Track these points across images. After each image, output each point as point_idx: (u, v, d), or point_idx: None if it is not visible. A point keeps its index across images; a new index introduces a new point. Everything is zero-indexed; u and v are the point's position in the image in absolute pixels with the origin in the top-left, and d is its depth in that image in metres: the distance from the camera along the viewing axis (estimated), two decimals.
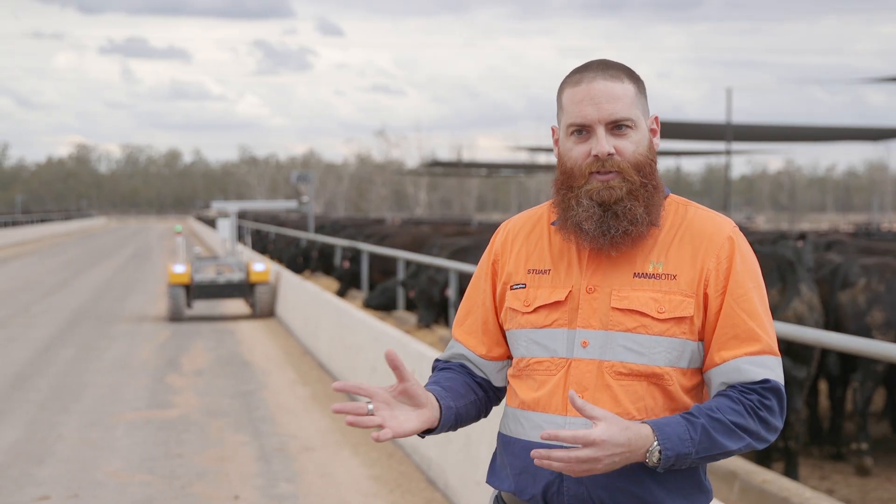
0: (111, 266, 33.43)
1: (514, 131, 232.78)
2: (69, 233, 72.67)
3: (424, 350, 7.83)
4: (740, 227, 3.70)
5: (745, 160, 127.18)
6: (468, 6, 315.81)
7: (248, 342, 14.89)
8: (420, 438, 2.55)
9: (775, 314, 7.79)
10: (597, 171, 2.44)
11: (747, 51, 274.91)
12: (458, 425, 2.56)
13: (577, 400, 2.28)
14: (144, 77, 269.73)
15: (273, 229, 37.11)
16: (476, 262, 13.41)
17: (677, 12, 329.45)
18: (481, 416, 2.65)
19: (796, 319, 7.92)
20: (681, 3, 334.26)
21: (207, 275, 17.84)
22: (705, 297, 2.44)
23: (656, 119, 2.55)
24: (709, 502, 2.49)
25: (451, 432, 2.59)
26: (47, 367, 12.48)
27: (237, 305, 19.88)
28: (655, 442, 2.30)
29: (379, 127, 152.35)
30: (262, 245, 34.79)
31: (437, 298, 14.62)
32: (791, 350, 7.76)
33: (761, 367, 2.40)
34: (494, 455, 2.61)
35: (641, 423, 2.33)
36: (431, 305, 14.71)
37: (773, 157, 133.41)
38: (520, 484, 2.48)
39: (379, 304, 16.71)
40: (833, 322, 8.58)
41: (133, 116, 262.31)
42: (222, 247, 21.26)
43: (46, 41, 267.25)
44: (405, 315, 16.04)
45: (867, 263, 8.95)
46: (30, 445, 8.48)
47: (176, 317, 17.36)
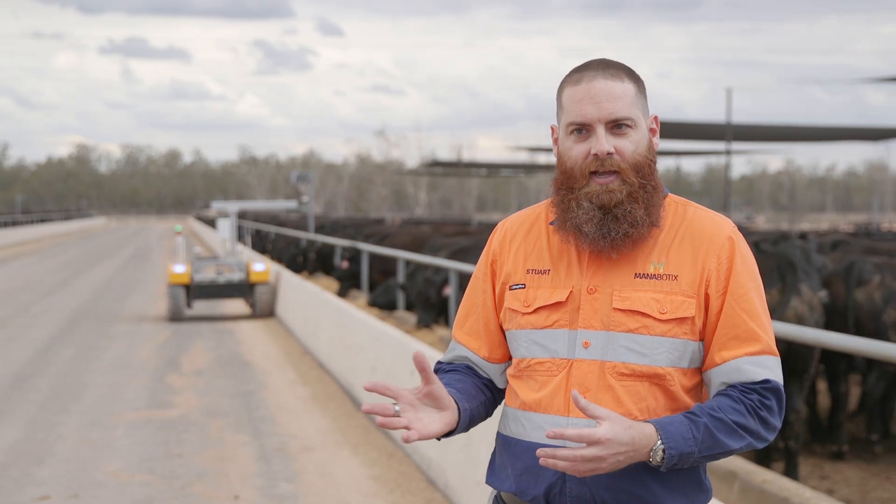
0: (111, 266, 33.43)
1: (514, 131, 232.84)
2: (69, 233, 72.68)
3: (424, 350, 7.84)
4: (740, 227, 3.71)
5: (745, 160, 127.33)
6: (468, 6, 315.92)
7: (248, 342, 14.90)
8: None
9: (775, 314, 7.79)
10: (596, 172, 2.44)
11: (747, 51, 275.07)
12: (470, 426, 2.56)
13: (581, 400, 2.28)
14: (144, 77, 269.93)
15: (273, 229, 37.10)
16: (476, 261, 13.39)
17: (677, 12, 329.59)
18: (488, 416, 2.65)
19: (796, 319, 7.92)
20: (681, 3, 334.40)
21: (207, 275, 17.84)
22: (706, 297, 2.44)
23: (656, 119, 2.55)
24: (708, 501, 2.50)
25: None
26: (47, 367, 12.48)
27: (237, 305, 19.88)
28: (659, 441, 2.31)
29: (379, 127, 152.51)
30: (262, 245, 34.78)
31: (435, 299, 14.60)
32: (791, 350, 7.76)
33: (761, 368, 2.41)
34: (493, 455, 2.61)
35: (644, 422, 2.34)
36: (429, 306, 14.69)
37: (773, 157, 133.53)
38: (521, 484, 2.48)
39: (384, 303, 16.69)
40: (853, 321, 8.59)
41: (133, 116, 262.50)
42: (222, 247, 21.26)
43: (46, 41, 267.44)
44: (405, 315, 16.04)
45: (879, 262, 8.98)
46: (30, 445, 8.48)
47: (176, 317, 17.36)
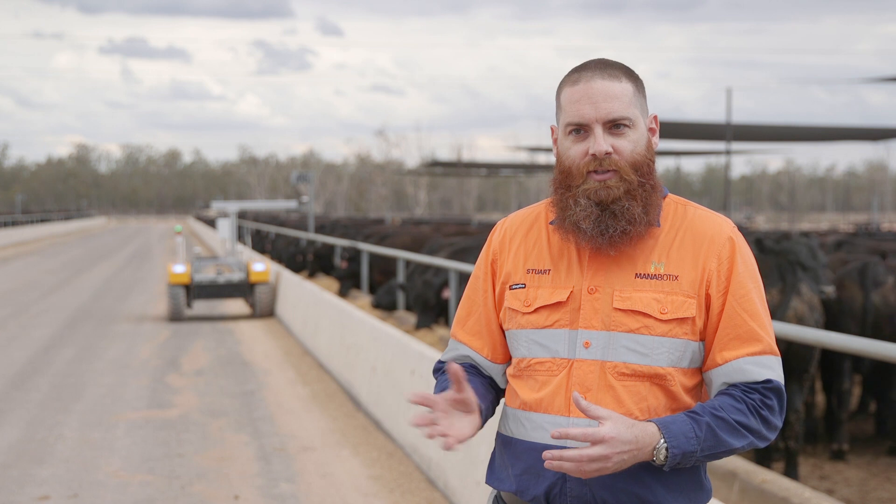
0: (111, 266, 33.42)
1: (514, 131, 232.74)
2: (69, 233, 72.68)
3: (424, 350, 7.83)
4: (740, 227, 3.70)
5: (745, 160, 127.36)
6: (468, 6, 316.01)
7: (248, 342, 14.89)
8: (419, 438, 2.55)
9: (775, 314, 7.79)
10: (594, 171, 2.44)
11: (747, 51, 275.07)
12: (483, 425, 2.58)
13: (582, 401, 2.29)
14: (144, 77, 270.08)
15: (273, 229, 37.09)
16: (476, 262, 13.37)
17: (677, 12, 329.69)
18: (493, 415, 2.66)
19: (796, 319, 7.92)
20: (681, 3, 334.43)
21: (207, 275, 17.84)
22: (707, 297, 2.44)
23: (655, 118, 2.55)
24: (708, 501, 2.50)
25: None
26: (47, 367, 12.48)
27: (237, 305, 19.88)
28: (662, 440, 2.31)
29: (379, 127, 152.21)
30: (262, 245, 34.78)
31: (434, 302, 14.58)
32: (791, 350, 7.76)
33: (763, 368, 2.41)
34: (493, 455, 2.61)
35: (647, 421, 2.34)
36: (428, 309, 14.67)
37: (773, 157, 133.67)
38: (522, 484, 2.48)
39: (388, 304, 16.68)
40: (871, 323, 8.59)
41: (133, 116, 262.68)
42: (222, 247, 21.27)
43: (46, 41, 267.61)
44: (405, 315, 16.03)
45: (894, 264, 9.00)
46: (30, 445, 8.48)
47: (176, 317, 17.36)
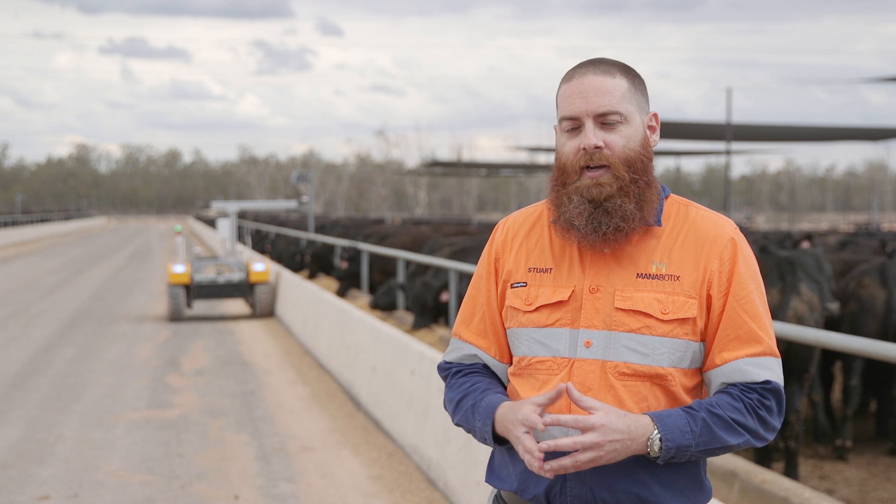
0: (111, 266, 33.42)
1: (514, 131, 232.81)
2: (69, 233, 72.67)
3: (424, 350, 7.83)
4: (740, 228, 3.70)
5: (745, 160, 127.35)
6: (468, 6, 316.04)
7: (248, 342, 14.89)
8: (419, 438, 2.56)
9: (775, 314, 7.79)
10: (587, 167, 2.44)
11: (747, 51, 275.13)
12: None
13: (574, 392, 2.31)
14: (144, 77, 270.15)
15: (273, 229, 37.08)
16: (476, 262, 13.38)
17: (677, 12, 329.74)
18: None
19: (796, 319, 7.92)
20: (681, 3, 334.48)
21: (207, 275, 17.84)
22: (708, 298, 2.44)
23: (655, 116, 2.54)
24: (708, 501, 2.50)
25: (449, 432, 2.59)
26: (47, 367, 12.48)
27: (237, 305, 19.88)
28: (656, 431, 2.32)
29: (379, 127, 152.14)
30: (262, 245, 34.79)
31: (432, 304, 14.58)
32: (791, 350, 7.76)
33: (762, 369, 2.41)
34: (493, 454, 2.61)
35: (641, 414, 2.36)
36: (426, 311, 14.66)
37: (773, 157, 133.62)
38: (522, 483, 2.48)
39: (386, 304, 16.69)
40: (895, 321, 8.59)
41: (133, 116, 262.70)
42: (222, 247, 21.26)
43: (46, 41, 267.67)
44: (405, 315, 16.03)
45: None
46: (30, 445, 8.48)
47: (176, 317, 17.36)
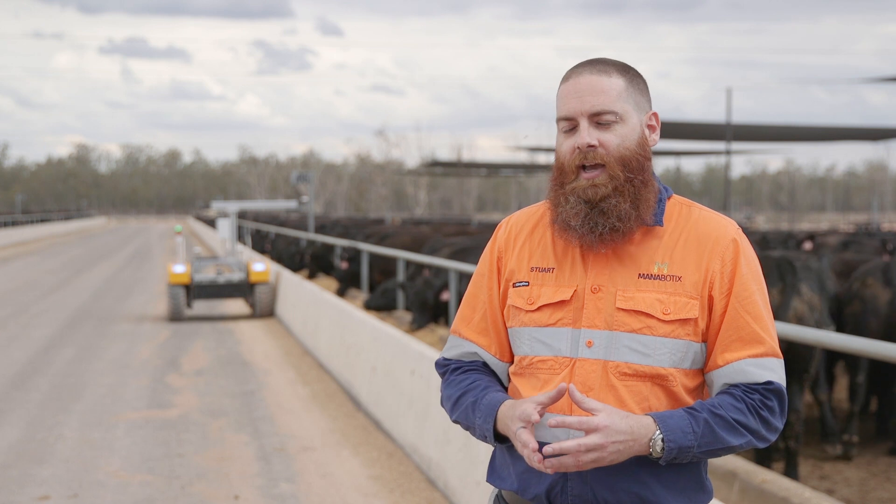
0: (111, 266, 33.42)
1: (514, 131, 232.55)
2: (69, 233, 72.67)
3: (424, 350, 7.83)
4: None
5: (745, 160, 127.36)
6: (468, 6, 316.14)
7: (248, 342, 14.89)
8: (419, 438, 2.56)
9: (776, 315, 7.79)
10: (583, 166, 2.45)
11: (747, 51, 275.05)
12: None
13: (577, 393, 2.32)
14: (144, 77, 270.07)
15: (273, 229, 37.08)
16: (476, 262, 13.38)
17: (677, 12, 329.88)
18: None
19: (796, 319, 7.92)
20: (681, 3, 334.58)
21: (207, 275, 17.84)
22: (710, 298, 2.44)
23: (655, 115, 2.54)
24: (709, 501, 2.50)
25: (449, 432, 2.59)
26: (47, 367, 12.48)
27: (237, 305, 19.88)
28: (658, 431, 2.32)
29: (379, 127, 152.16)
30: (262, 245, 34.79)
31: (432, 303, 14.59)
32: (791, 350, 7.76)
33: (764, 370, 2.41)
34: (494, 454, 2.60)
35: (644, 415, 2.36)
36: (426, 309, 14.67)
37: (773, 157, 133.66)
38: (523, 483, 2.48)
39: (379, 306, 16.71)
40: None
41: (133, 116, 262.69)
42: (222, 247, 21.26)
43: (46, 41, 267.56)
44: (405, 315, 16.03)
45: None
46: (30, 445, 8.48)
47: (176, 317, 17.36)
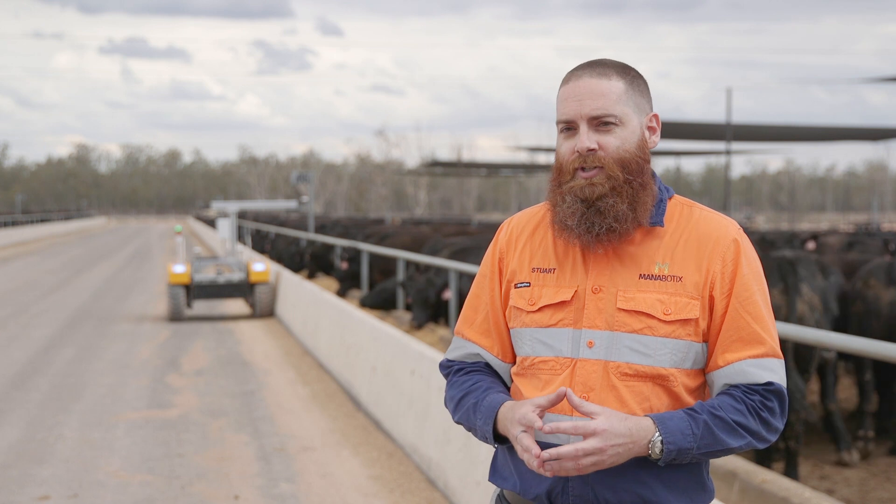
0: (111, 266, 33.42)
1: (514, 131, 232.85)
2: (69, 233, 72.67)
3: (424, 350, 7.83)
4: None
5: (745, 160, 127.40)
6: (468, 6, 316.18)
7: (248, 342, 14.89)
8: (419, 438, 2.56)
9: (778, 315, 7.79)
10: (581, 168, 2.45)
11: (747, 51, 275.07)
12: None
13: (574, 398, 2.32)
14: (144, 77, 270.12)
15: (273, 229, 37.07)
16: (477, 262, 13.40)
17: (677, 12, 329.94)
18: None
19: (796, 320, 7.93)
20: (681, 3, 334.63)
21: (207, 275, 17.83)
22: (711, 299, 2.44)
23: (655, 117, 2.54)
24: (710, 501, 2.50)
25: (449, 432, 2.59)
26: (47, 367, 12.48)
27: (237, 305, 19.88)
28: (657, 433, 2.32)
29: (379, 127, 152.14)
30: (262, 245, 34.79)
31: (434, 300, 14.59)
32: (786, 349, 7.76)
33: (765, 370, 2.41)
34: (496, 454, 2.61)
35: (643, 416, 2.35)
36: (427, 307, 14.68)
37: (773, 157, 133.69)
38: (524, 483, 2.48)
39: (374, 304, 16.72)
40: None
41: (133, 116, 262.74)
42: (222, 247, 21.25)
43: (46, 41, 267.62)
44: (404, 315, 16.03)
45: None
46: (30, 445, 8.48)
47: (176, 317, 17.36)
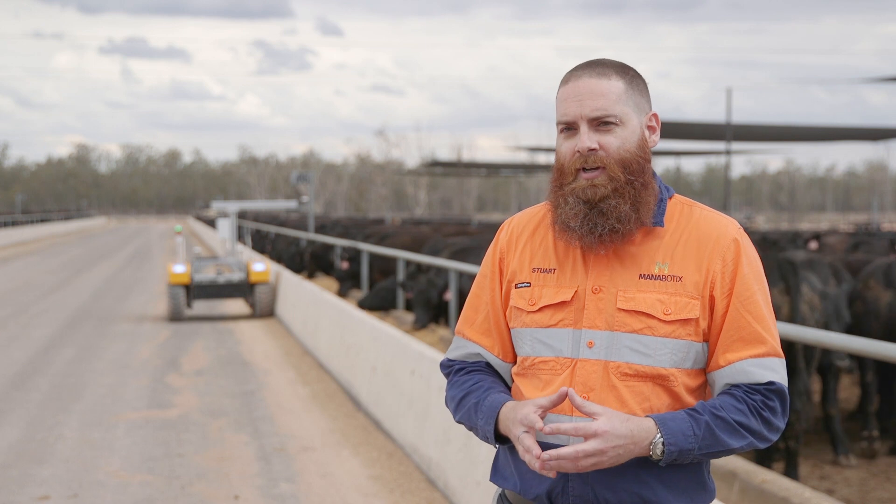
0: (111, 266, 33.42)
1: (514, 131, 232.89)
2: (69, 233, 72.67)
3: (424, 350, 7.82)
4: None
5: (745, 160, 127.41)
6: (468, 6, 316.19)
7: (248, 342, 14.89)
8: (419, 438, 2.55)
9: (779, 315, 7.79)
10: (582, 168, 2.44)
11: (747, 51, 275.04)
12: None
13: (577, 398, 2.31)
14: (144, 77, 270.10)
15: (273, 229, 37.06)
16: (477, 262, 13.40)
17: (677, 12, 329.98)
18: None
19: (801, 321, 7.93)
20: (681, 3, 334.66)
21: (207, 275, 17.83)
22: (711, 298, 2.44)
23: (655, 116, 2.53)
24: (711, 501, 2.49)
25: (449, 432, 2.59)
26: (47, 367, 12.48)
27: (237, 305, 19.87)
28: (658, 434, 2.32)
29: (379, 127, 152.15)
30: (262, 245, 34.78)
31: (436, 301, 14.59)
32: (791, 350, 7.76)
33: (766, 370, 2.41)
34: (497, 454, 2.60)
35: (644, 417, 2.35)
36: (429, 307, 14.67)
37: (773, 157, 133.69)
38: (525, 483, 2.48)
39: (373, 305, 16.72)
40: None
41: (133, 116, 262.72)
42: (222, 247, 21.25)
43: (46, 41, 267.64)
44: (404, 315, 16.03)
45: None
46: (30, 445, 8.48)
47: (176, 317, 17.35)
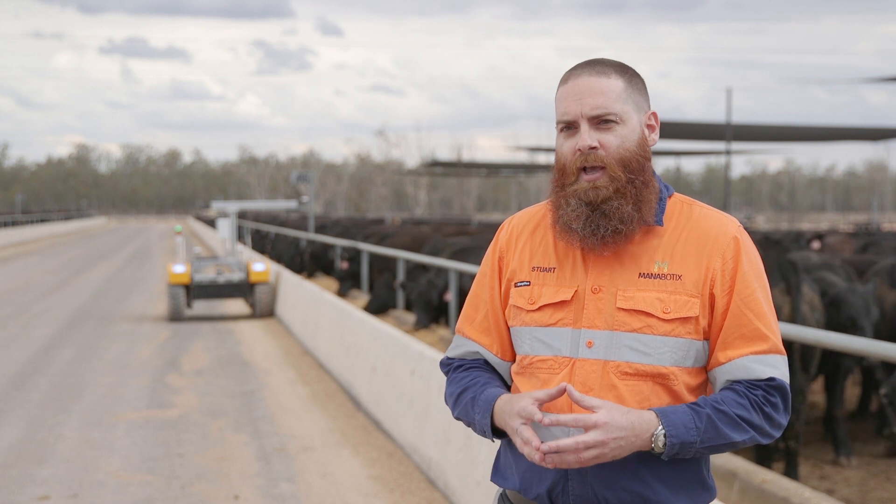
0: (111, 266, 33.42)
1: (514, 131, 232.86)
2: (69, 233, 72.67)
3: (424, 350, 7.82)
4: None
5: (745, 160, 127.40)
6: (468, 6, 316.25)
7: (248, 342, 14.89)
8: (419, 438, 2.55)
9: (780, 316, 7.80)
10: (583, 168, 2.44)
11: (747, 51, 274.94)
12: None
13: (575, 392, 2.31)
14: (144, 77, 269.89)
15: (273, 229, 37.07)
16: (477, 262, 13.40)
17: (677, 12, 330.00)
18: None
19: (801, 321, 7.93)
20: (681, 3, 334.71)
21: (207, 275, 17.83)
22: (711, 296, 2.44)
23: (654, 115, 2.53)
24: (712, 500, 2.49)
25: (449, 432, 2.59)
26: (47, 367, 12.47)
27: (237, 305, 19.87)
28: (660, 426, 2.32)
29: (379, 127, 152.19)
30: (262, 245, 34.79)
31: (436, 302, 14.59)
32: (791, 350, 7.76)
33: (767, 366, 2.41)
34: (498, 453, 2.61)
35: (646, 409, 2.35)
36: (430, 309, 14.67)
37: (773, 157, 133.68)
38: (525, 482, 2.48)
39: (377, 309, 16.73)
40: None
41: (133, 116, 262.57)
42: (222, 247, 21.24)
43: (46, 41, 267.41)
44: (404, 315, 16.03)
45: None
46: (30, 445, 8.48)
47: (176, 317, 17.35)
